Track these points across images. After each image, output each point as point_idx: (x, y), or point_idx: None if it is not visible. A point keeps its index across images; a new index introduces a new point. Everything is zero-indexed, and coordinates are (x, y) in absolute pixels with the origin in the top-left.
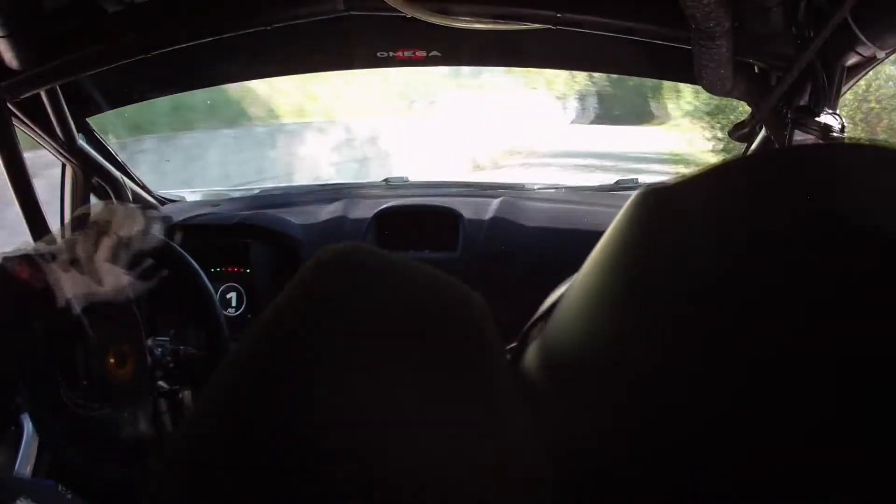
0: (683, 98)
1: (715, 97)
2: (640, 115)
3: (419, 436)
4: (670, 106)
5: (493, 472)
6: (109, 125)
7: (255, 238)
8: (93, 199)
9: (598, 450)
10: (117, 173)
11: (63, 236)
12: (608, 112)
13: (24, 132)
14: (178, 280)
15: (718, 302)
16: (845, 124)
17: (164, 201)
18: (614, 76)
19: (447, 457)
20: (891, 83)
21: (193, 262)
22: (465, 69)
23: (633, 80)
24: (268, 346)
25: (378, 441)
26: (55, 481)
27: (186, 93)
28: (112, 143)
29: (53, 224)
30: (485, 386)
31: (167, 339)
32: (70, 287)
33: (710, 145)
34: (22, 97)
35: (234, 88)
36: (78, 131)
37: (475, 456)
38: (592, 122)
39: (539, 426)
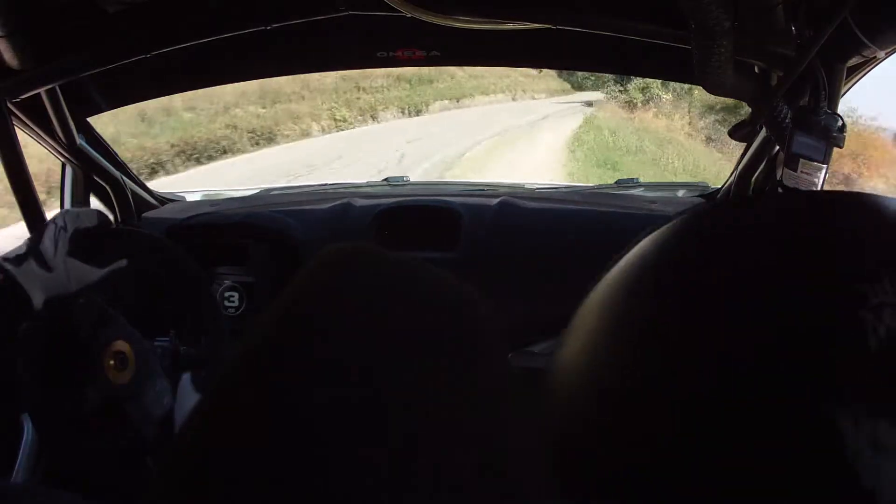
0: None
1: None
2: None
3: (418, 438)
4: None
5: (490, 473)
6: None
7: (255, 238)
8: (93, 200)
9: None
10: (117, 173)
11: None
12: None
13: (24, 132)
14: (175, 280)
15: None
16: (845, 124)
17: (164, 201)
18: None
19: (445, 455)
20: None
21: (194, 265)
22: None
23: None
24: (271, 349)
25: (378, 442)
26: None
27: None
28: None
29: None
30: (485, 386)
31: (167, 339)
32: (41, 288)
33: None
34: (22, 97)
35: None
36: (78, 131)
37: (472, 456)
38: None
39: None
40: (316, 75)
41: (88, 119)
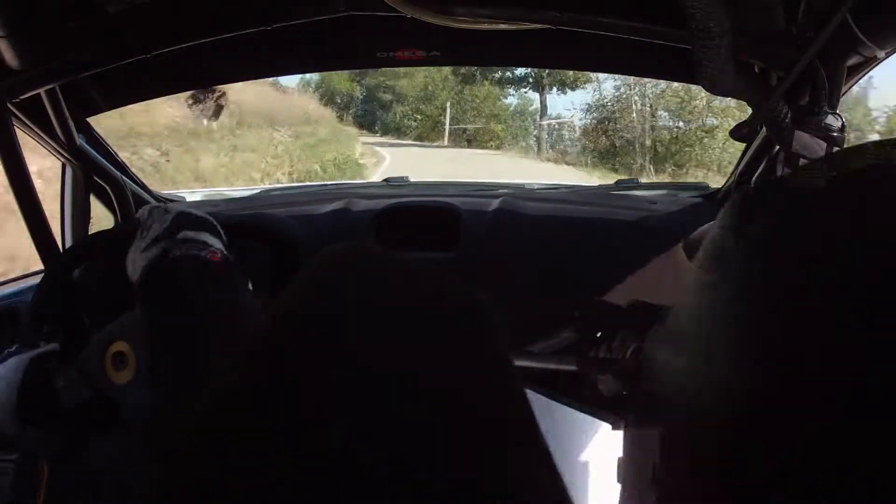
0: None
1: None
2: None
3: (420, 437)
4: None
5: (493, 471)
6: None
7: (254, 238)
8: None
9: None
10: (117, 173)
11: (63, 239)
12: None
13: (24, 132)
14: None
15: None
16: (845, 124)
17: (164, 201)
18: None
19: (447, 455)
20: None
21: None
22: None
23: None
24: (272, 348)
25: (379, 441)
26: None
27: None
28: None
29: (54, 225)
30: (488, 385)
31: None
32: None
33: None
34: (22, 97)
35: None
36: (78, 131)
37: (475, 455)
38: None
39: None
40: None
41: (88, 119)
